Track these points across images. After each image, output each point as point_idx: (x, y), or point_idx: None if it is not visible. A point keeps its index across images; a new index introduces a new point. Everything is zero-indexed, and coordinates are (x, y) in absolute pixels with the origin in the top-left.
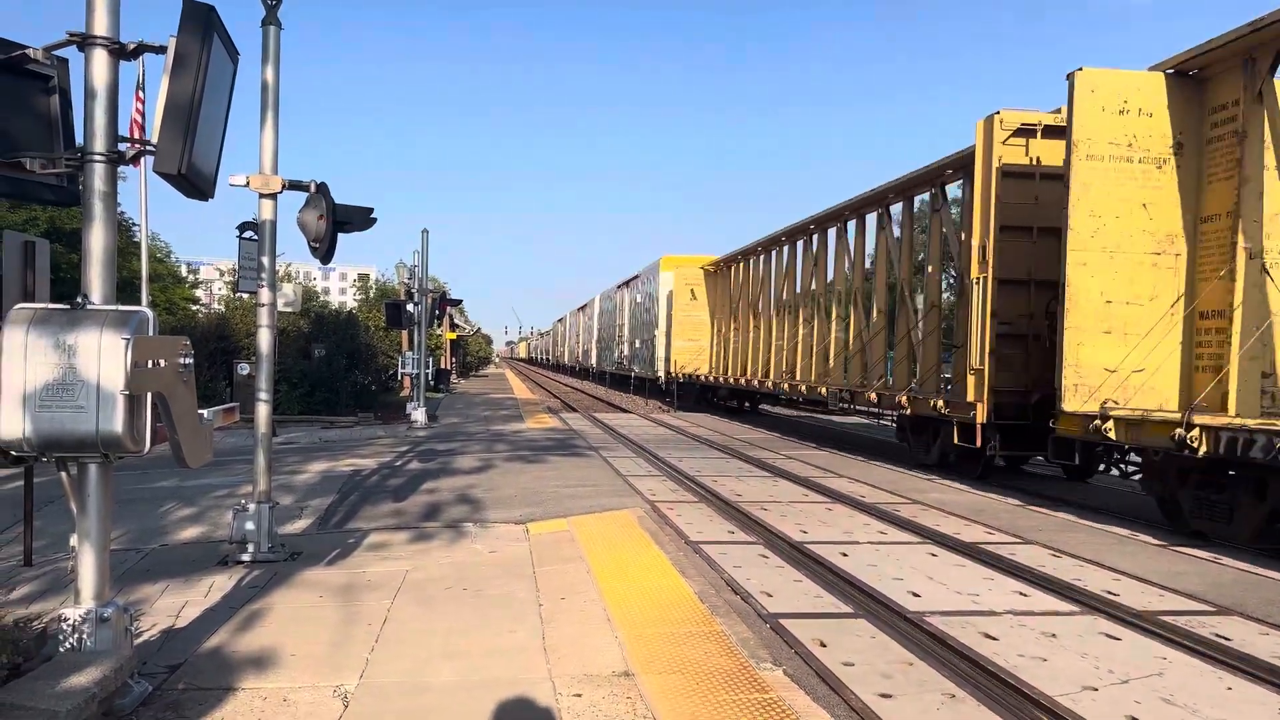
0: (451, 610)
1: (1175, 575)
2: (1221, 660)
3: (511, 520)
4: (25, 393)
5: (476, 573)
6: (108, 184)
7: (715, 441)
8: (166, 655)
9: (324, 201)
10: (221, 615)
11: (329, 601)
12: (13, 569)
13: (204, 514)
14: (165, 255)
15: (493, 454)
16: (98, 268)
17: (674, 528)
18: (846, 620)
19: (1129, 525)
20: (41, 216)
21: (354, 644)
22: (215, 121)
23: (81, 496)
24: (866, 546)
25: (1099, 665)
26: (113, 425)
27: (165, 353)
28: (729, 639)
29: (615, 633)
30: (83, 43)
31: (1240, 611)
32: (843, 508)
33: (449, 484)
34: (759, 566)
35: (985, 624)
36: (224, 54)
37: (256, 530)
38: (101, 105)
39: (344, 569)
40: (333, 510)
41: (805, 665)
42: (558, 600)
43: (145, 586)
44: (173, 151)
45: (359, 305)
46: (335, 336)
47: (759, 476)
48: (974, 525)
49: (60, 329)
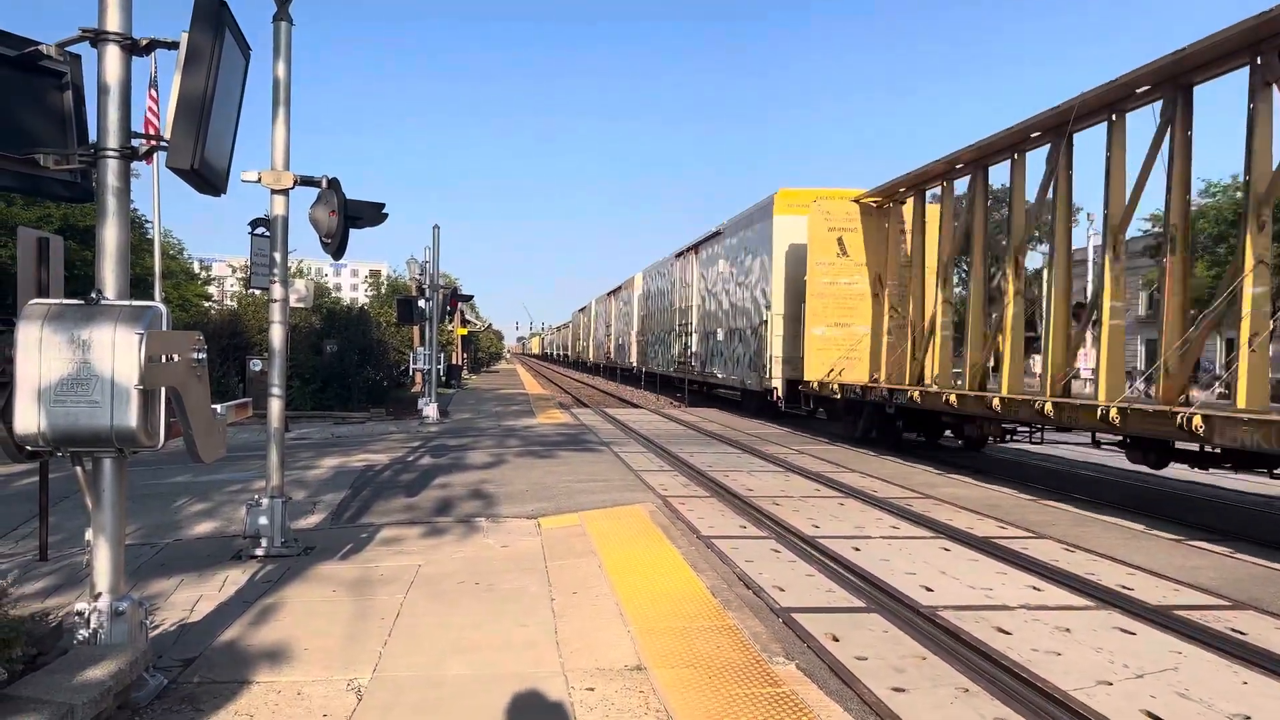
0: (464, 605)
1: (1190, 570)
2: (1237, 655)
3: (523, 515)
4: (40, 388)
5: (488, 567)
6: (121, 180)
7: (726, 437)
8: (181, 649)
9: (335, 197)
10: (235, 609)
11: (342, 596)
12: (29, 563)
13: (218, 509)
14: (178, 252)
15: (504, 449)
16: (111, 263)
17: (686, 522)
18: (859, 614)
19: (1143, 520)
20: (55, 213)
21: (367, 638)
22: (227, 117)
23: (96, 491)
24: (879, 541)
25: (1114, 660)
26: (127, 420)
27: (179, 348)
28: (741, 633)
29: (627, 627)
30: (95, 38)
31: (1256, 606)
32: (855, 502)
33: (461, 479)
34: (771, 561)
35: (999, 618)
36: (236, 49)
37: (270, 525)
38: (114, 101)
39: (357, 563)
40: (345, 505)
41: (818, 659)
42: (570, 595)
43: (160, 581)
44: (186, 147)
45: (371, 301)
46: (347, 332)
47: (770, 471)
48: (986, 520)
49: (75, 324)
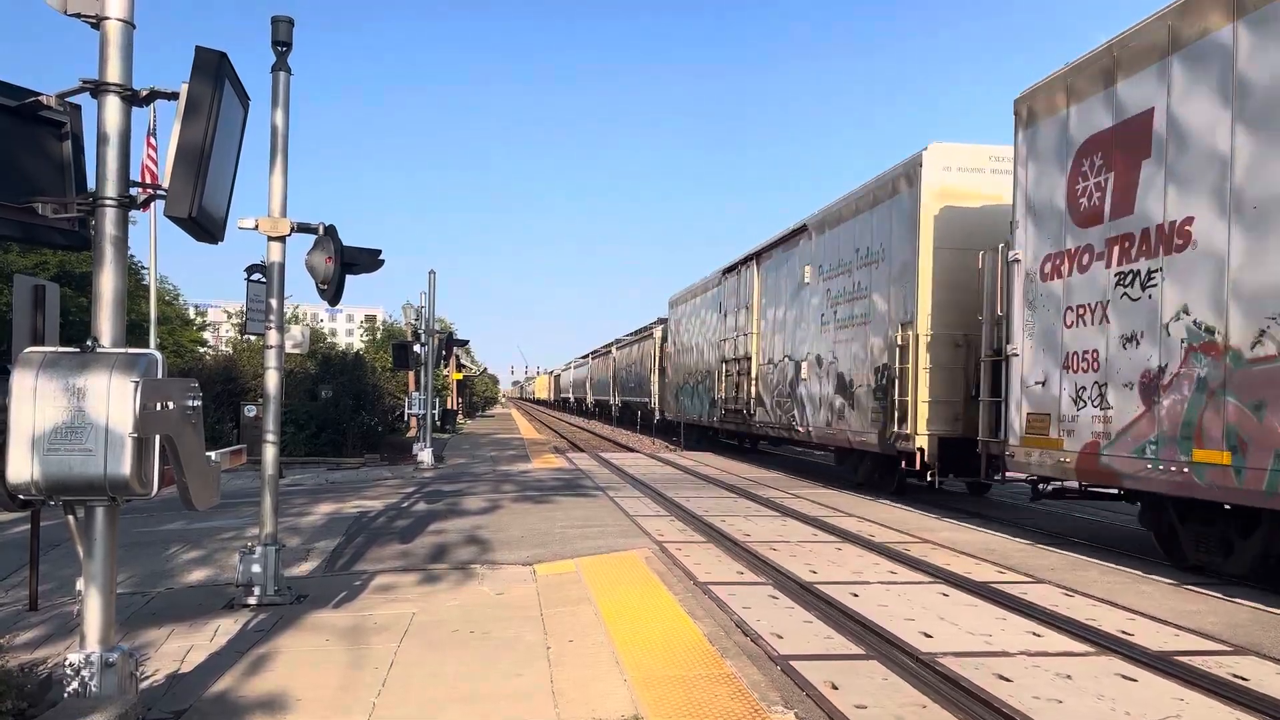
0: (459, 653)
1: (1190, 614)
2: (1240, 701)
3: (519, 561)
4: (34, 436)
5: (484, 615)
6: (119, 228)
7: (723, 481)
8: (172, 700)
9: (332, 244)
10: (228, 659)
11: (336, 644)
12: (18, 613)
13: (210, 556)
14: (174, 298)
15: (499, 494)
16: (108, 311)
17: (682, 568)
18: (858, 661)
19: (1141, 565)
20: (51, 260)
21: (361, 687)
22: (226, 166)
23: (88, 540)
24: (877, 586)
25: (1115, 707)
26: (121, 468)
27: (173, 395)
28: (739, 681)
29: (624, 675)
30: (96, 89)
31: (1257, 651)
32: (852, 547)
33: (456, 525)
34: (769, 607)
35: (999, 665)
36: (235, 100)
37: (263, 573)
38: (114, 150)
39: (351, 611)
40: (339, 552)
41: (817, 708)
42: (565, 643)
43: (151, 630)
44: (184, 195)
45: (366, 346)
46: (342, 378)
47: (767, 516)
48: (985, 564)
49: (70, 372)
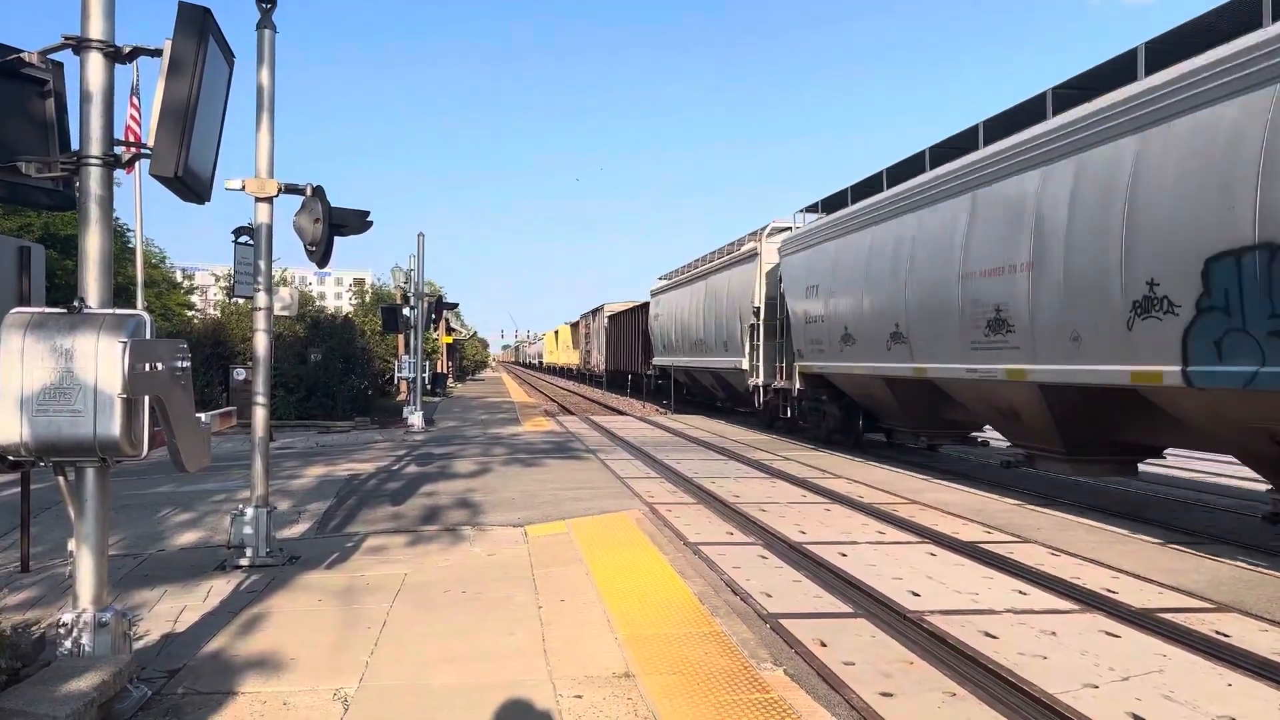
0: (451, 613)
1: (1174, 573)
2: (1222, 657)
3: (510, 523)
4: (22, 397)
5: (475, 575)
6: (104, 188)
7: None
8: (165, 660)
9: (320, 205)
10: (220, 619)
11: (328, 605)
12: (10, 575)
13: (202, 519)
14: (160, 261)
15: (490, 457)
16: (95, 271)
17: (673, 529)
18: (846, 620)
19: (1126, 524)
20: (36, 221)
21: (353, 647)
22: (211, 124)
23: (79, 501)
24: (865, 546)
25: (1099, 663)
26: (110, 429)
27: (162, 356)
28: (729, 639)
29: (615, 634)
30: (78, 46)
31: (1239, 608)
32: (841, 508)
33: (447, 487)
34: (758, 567)
35: (985, 623)
36: (220, 57)
37: (254, 534)
38: (97, 108)
39: (343, 572)
40: (331, 514)
41: (806, 665)
42: (557, 602)
43: (144, 591)
44: (169, 154)
45: (355, 309)
46: (331, 341)
47: (757, 477)
48: (972, 524)
49: (57, 333)
